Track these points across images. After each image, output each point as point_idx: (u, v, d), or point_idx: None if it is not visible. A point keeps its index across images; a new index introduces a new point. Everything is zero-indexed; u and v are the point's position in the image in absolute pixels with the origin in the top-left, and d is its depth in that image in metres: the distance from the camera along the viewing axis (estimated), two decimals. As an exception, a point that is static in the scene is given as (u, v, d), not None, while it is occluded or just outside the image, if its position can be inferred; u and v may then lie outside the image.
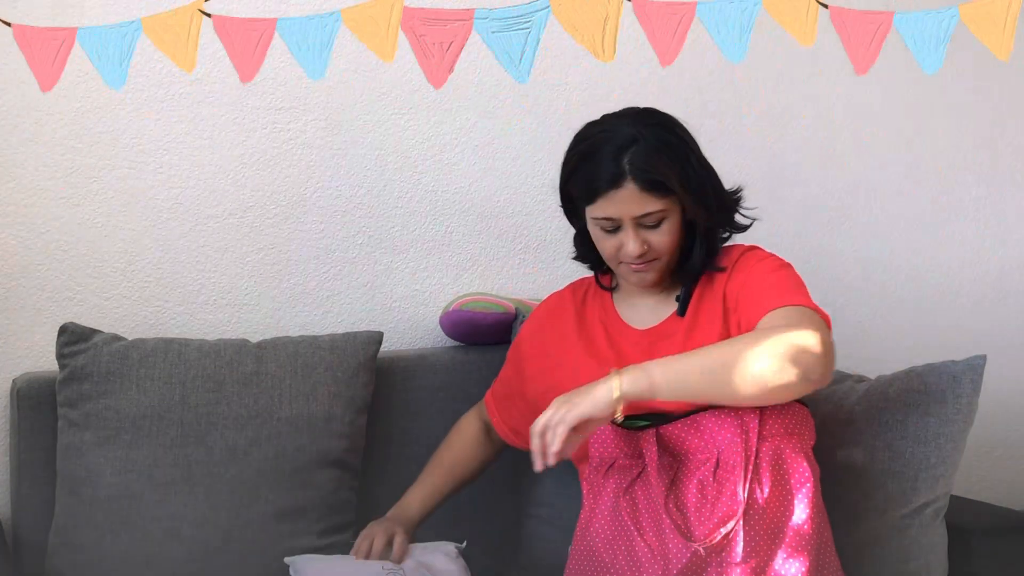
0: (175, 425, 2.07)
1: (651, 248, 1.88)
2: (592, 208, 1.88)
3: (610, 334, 2.00)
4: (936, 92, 2.86)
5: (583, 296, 2.08)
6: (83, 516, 2.04)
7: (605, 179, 1.84)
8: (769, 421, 1.74)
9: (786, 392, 1.72)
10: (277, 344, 2.19)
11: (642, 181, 1.83)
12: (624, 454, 1.81)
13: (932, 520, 2.07)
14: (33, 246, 2.26)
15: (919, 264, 2.91)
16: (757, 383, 1.70)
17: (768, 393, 1.71)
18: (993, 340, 2.90)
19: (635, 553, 1.75)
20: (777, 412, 1.75)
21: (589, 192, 1.87)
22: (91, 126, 2.27)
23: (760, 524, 1.69)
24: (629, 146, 1.84)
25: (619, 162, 1.83)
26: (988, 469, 2.97)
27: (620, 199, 1.84)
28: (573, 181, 1.92)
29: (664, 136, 1.87)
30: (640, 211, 1.85)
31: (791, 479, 1.72)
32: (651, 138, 1.85)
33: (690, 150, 1.89)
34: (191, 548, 2.04)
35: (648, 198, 1.84)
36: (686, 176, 1.87)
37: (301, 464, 2.11)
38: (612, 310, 2.03)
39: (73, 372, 2.08)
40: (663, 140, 1.86)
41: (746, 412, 1.74)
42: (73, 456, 2.06)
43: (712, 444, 1.74)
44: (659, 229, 1.87)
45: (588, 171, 1.87)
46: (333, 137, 2.43)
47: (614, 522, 1.79)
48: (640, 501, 1.77)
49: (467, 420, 2.21)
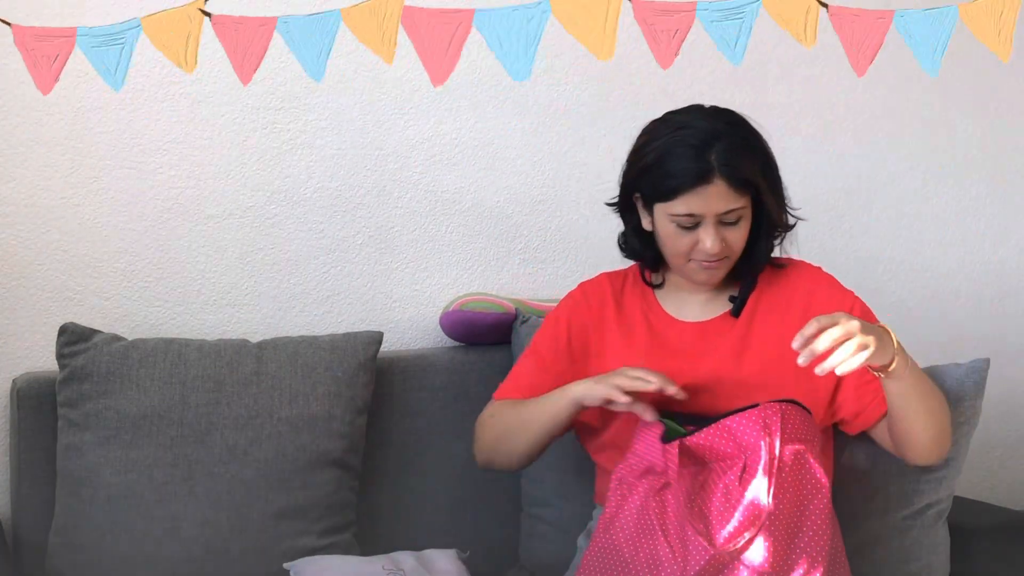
0: (175, 425, 2.08)
1: (727, 246, 1.87)
2: (670, 205, 1.85)
3: (651, 324, 1.99)
4: (936, 92, 2.86)
5: (621, 286, 2.06)
6: (83, 516, 2.04)
7: (691, 176, 1.82)
8: (790, 425, 1.73)
9: (937, 448, 1.91)
10: (277, 344, 2.19)
11: (730, 178, 1.82)
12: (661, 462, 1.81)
13: (935, 521, 2.07)
14: (33, 246, 2.26)
15: (919, 264, 2.91)
16: (944, 436, 1.91)
17: (935, 441, 1.89)
18: (993, 340, 2.90)
19: (657, 553, 1.74)
20: (798, 416, 1.75)
21: (670, 189, 1.84)
22: (91, 126, 2.27)
23: (778, 528, 1.68)
24: (712, 143, 1.82)
25: (705, 159, 1.81)
26: (988, 469, 2.97)
27: (707, 196, 1.82)
28: (647, 178, 1.88)
29: (744, 133, 1.87)
30: (725, 208, 1.83)
31: (809, 484, 1.72)
32: (733, 135, 1.84)
33: (766, 146, 1.90)
34: (191, 548, 2.04)
35: (734, 195, 1.83)
36: (767, 173, 1.88)
37: (301, 464, 2.11)
38: (655, 303, 2.01)
39: (73, 372, 2.08)
40: (744, 137, 1.86)
41: (770, 415, 1.74)
42: (73, 456, 2.06)
43: (741, 448, 1.74)
44: (737, 227, 1.87)
45: (669, 168, 1.84)
46: (333, 137, 2.43)
47: (641, 521, 1.78)
48: (669, 504, 1.76)
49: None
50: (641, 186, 1.91)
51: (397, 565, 1.98)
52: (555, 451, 2.27)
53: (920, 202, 2.90)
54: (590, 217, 2.61)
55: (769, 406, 1.74)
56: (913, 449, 1.90)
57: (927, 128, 2.89)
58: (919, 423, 1.86)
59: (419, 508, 2.29)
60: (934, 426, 1.87)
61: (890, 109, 2.85)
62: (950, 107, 2.90)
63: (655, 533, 1.76)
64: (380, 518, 2.26)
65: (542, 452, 2.00)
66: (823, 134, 2.80)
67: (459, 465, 2.31)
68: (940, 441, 1.90)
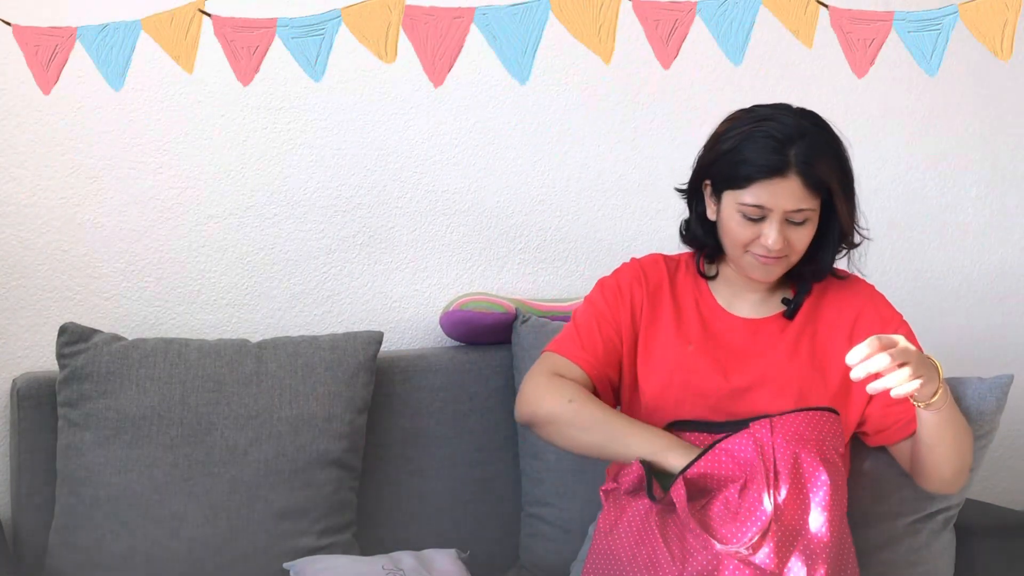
0: (175, 425, 2.07)
1: (788, 244, 1.86)
2: (740, 193, 1.84)
3: (703, 314, 1.98)
4: (936, 92, 2.86)
5: (675, 269, 2.03)
6: (83, 516, 2.04)
7: (767, 167, 1.81)
8: (780, 429, 1.74)
9: (955, 482, 1.94)
10: (277, 344, 2.19)
11: (806, 176, 1.81)
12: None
13: (942, 526, 2.07)
14: (33, 246, 2.26)
15: (918, 264, 2.91)
16: (964, 472, 1.93)
17: (955, 475, 1.91)
18: (994, 340, 2.90)
19: (656, 556, 1.75)
20: (788, 420, 1.75)
21: (743, 176, 1.83)
22: (91, 126, 2.27)
23: (778, 529, 1.68)
24: (796, 139, 1.81)
25: (785, 153, 1.80)
26: (991, 470, 2.97)
27: (779, 190, 1.81)
28: (723, 162, 1.86)
29: (827, 137, 1.85)
30: (794, 206, 1.82)
31: (808, 484, 1.71)
32: (817, 135, 1.83)
33: (846, 154, 1.88)
34: (191, 548, 2.04)
35: (806, 195, 1.82)
36: (843, 180, 1.87)
37: (301, 464, 2.11)
38: (708, 294, 2.00)
39: (73, 372, 2.08)
40: (827, 140, 1.85)
41: (758, 427, 1.74)
42: (73, 456, 2.06)
43: (742, 466, 1.74)
44: (802, 227, 1.86)
45: (746, 155, 1.83)
46: (333, 137, 2.43)
47: (643, 529, 1.78)
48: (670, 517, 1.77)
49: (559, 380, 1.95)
50: (714, 172, 1.89)
51: (397, 565, 1.98)
52: (555, 451, 2.27)
53: (920, 202, 2.90)
54: (590, 217, 2.61)
55: (759, 422, 1.76)
56: (930, 479, 1.92)
57: (927, 128, 2.89)
58: (944, 455, 1.87)
59: (419, 508, 2.29)
60: (958, 460, 1.89)
61: (890, 109, 2.85)
62: (950, 107, 2.90)
63: (655, 540, 1.76)
64: (380, 518, 2.26)
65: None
66: (823, 134, 2.80)
67: (459, 465, 2.31)
68: (960, 475, 1.92)
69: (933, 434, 1.84)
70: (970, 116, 2.93)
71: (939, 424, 1.82)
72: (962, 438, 1.88)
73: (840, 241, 1.93)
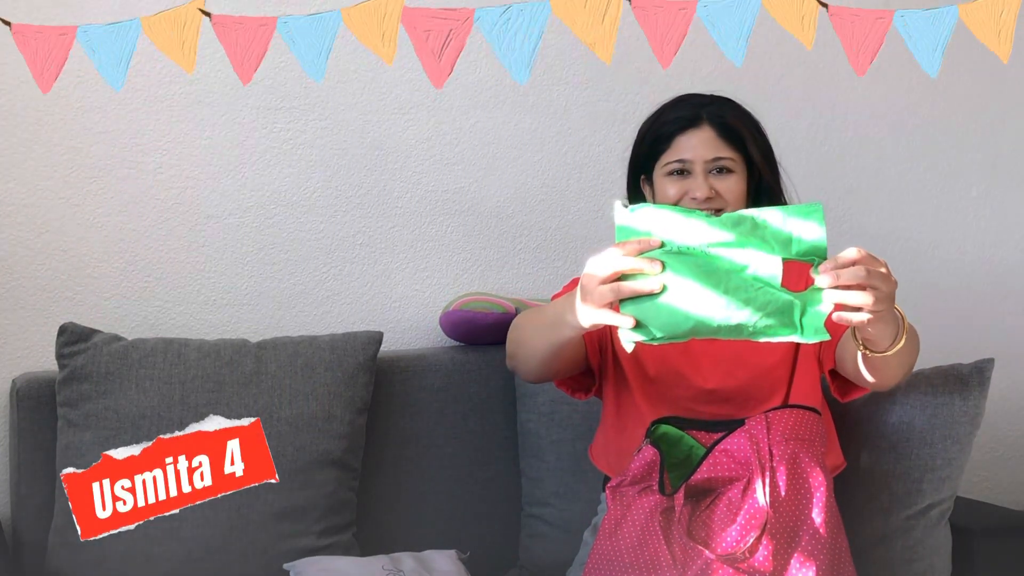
0: (175, 425, 2.07)
1: (718, 195, 1.93)
2: (665, 157, 1.95)
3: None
4: (936, 92, 2.86)
5: None
6: (83, 516, 2.04)
7: (682, 118, 1.95)
8: (776, 427, 1.74)
9: (900, 371, 1.81)
10: (277, 344, 2.19)
11: (718, 126, 1.94)
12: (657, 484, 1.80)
13: (937, 522, 2.07)
14: (33, 246, 2.26)
15: (919, 264, 2.91)
16: (909, 372, 1.83)
17: (899, 369, 1.80)
18: (994, 340, 2.90)
19: (658, 560, 1.75)
20: (783, 418, 1.75)
21: (665, 136, 1.95)
22: (91, 126, 2.28)
23: (777, 526, 1.69)
24: (708, 103, 1.97)
25: (698, 111, 1.95)
26: (990, 469, 2.97)
27: (695, 141, 1.93)
28: (646, 141, 1.99)
29: (738, 106, 2.00)
30: (712, 154, 1.93)
31: (807, 482, 1.71)
32: (727, 102, 1.99)
33: (757, 120, 2.01)
34: (191, 548, 2.04)
35: (721, 144, 1.94)
36: (756, 135, 1.98)
37: (301, 464, 2.11)
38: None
39: (73, 372, 2.08)
40: (736, 105, 2.00)
41: (754, 425, 1.75)
42: (73, 456, 2.06)
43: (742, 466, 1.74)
44: (727, 177, 1.94)
45: (663, 121, 1.97)
46: (333, 137, 2.43)
47: (646, 529, 1.78)
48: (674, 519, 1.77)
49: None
50: (641, 155, 1.99)
51: (397, 565, 1.98)
52: (555, 451, 2.27)
53: (920, 202, 2.90)
54: (590, 217, 2.61)
55: (754, 418, 1.76)
56: (869, 384, 1.85)
57: (927, 128, 2.89)
58: (891, 373, 1.80)
59: (419, 508, 2.29)
60: (902, 373, 1.82)
61: (890, 109, 2.85)
62: (950, 107, 2.90)
63: (658, 542, 1.76)
64: (380, 518, 2.26)
65: (561, 370, 1.95)
66: (823, 134, 2.80)
67: (459, 465, 2.31)
68: (901, 380, 1.86)
69: (882, 364, 1.76)
70: (970, 116, 2.93)
71: (889, 359, 1.74)
72: (913, 357, 1.81)
73: (769, 200, 1.96)
